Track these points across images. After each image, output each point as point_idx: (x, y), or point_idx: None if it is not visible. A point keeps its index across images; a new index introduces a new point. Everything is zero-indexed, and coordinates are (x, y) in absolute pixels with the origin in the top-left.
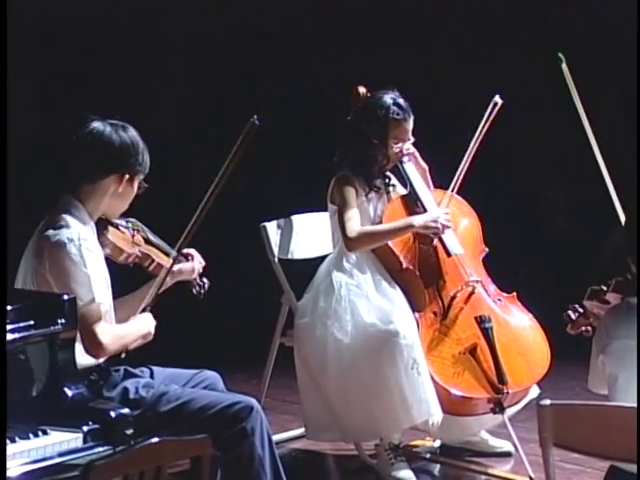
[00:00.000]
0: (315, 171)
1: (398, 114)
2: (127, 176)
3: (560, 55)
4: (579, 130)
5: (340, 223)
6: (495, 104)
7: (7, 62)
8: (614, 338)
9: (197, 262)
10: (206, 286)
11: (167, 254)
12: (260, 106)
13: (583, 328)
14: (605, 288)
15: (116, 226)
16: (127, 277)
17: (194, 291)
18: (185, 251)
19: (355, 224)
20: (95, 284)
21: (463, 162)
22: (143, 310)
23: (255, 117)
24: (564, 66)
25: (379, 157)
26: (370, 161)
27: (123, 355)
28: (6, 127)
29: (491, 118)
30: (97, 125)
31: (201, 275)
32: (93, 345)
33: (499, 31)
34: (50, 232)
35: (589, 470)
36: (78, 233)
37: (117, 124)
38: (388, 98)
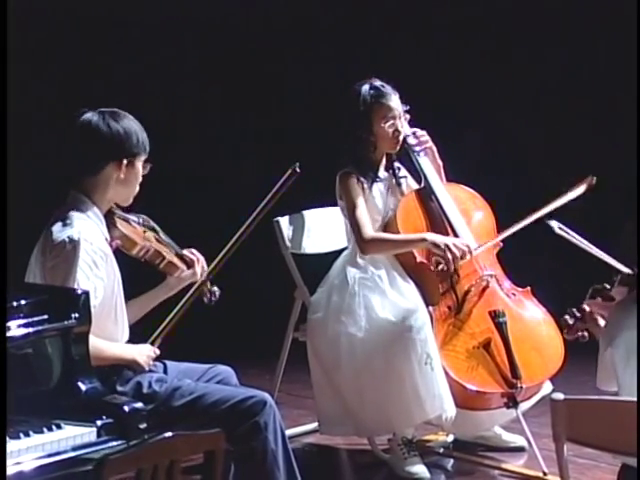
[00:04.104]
0: (326, 166)
1: (376, 95)
2: (125, 161)
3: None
4: (594, 125)
5: (353, 225)
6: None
7: (7, 63)
8: (622, 329)
9: (199, 267)
10: (217, 294)
11: (178, 255)
12: (271, 101)
13: (579, 333)
14: (608, 286)
15: (127, 220)
16: (137, 277)
17: (205, 300)
18: (188, 254)
19: (369, 228)
20: (88, 286)
21: None
22: (152, 342)
23: (297, 164)
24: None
25: (369, 146)
26: (365, 154)
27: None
28: (6, 127)
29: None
30: (86, 116)
31: (212, 283)
32: None
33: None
34: (54, 230)
35: (602, 465)
36: (79, 233)
37: (105, 112)
38: (364, 85)
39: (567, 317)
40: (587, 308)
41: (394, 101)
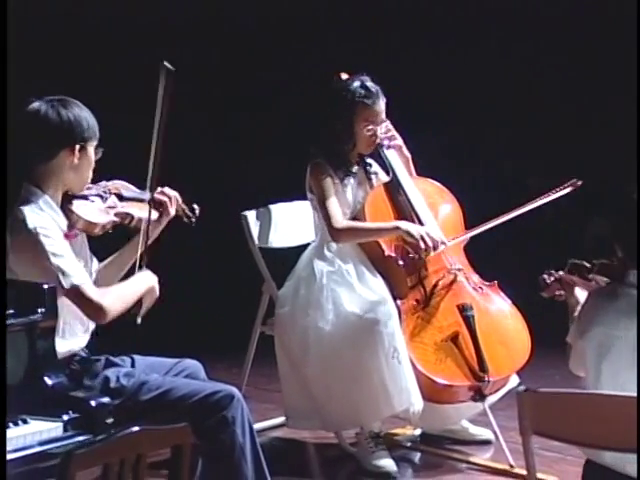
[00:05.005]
0: (294, 159)
1: (365, 97)
2: (78, 146)
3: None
4: (560, 117)
5: (324, 214)
6: None
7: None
8: (594, 324)
9: (173, 207)
10: (196, 212)
11: (148, 203)
12: (246, 94)
13: (557, 292)
14: (588, 265)
15: (83, 198)
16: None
17: (185, 220)
18: (159, 197)
19: (340, 217)
20: (73, 265)
21: None
22: (139, 268)
23: (165, 62)
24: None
25: (348, 143)
26: (339, 147)
27: (139, 320)
28: (6, 127)
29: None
30: (34, 105)
31: (189, 203)
32: (94, 311)
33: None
34: (12, 234)
35: (569, 458)
36: (33, 223)
37: (53, 99)
38: (355, 81)
39: (545, 276)
40: (565, 277)
41: (380, 105)
